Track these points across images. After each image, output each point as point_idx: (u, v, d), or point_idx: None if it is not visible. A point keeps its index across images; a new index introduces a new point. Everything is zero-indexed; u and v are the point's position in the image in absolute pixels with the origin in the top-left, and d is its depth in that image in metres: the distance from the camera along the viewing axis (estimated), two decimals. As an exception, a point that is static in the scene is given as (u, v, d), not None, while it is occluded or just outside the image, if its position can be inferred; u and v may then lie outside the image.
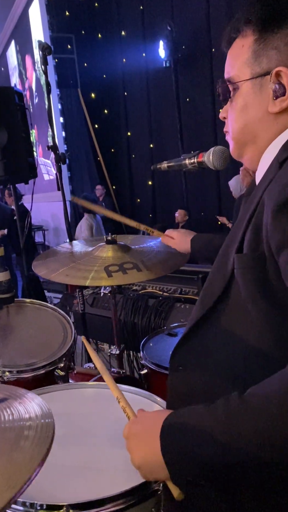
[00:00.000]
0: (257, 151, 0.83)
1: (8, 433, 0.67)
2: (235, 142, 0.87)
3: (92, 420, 1.20)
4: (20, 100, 2.85)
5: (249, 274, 0.73)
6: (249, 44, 0.79)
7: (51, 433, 0.68)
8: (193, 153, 1.24)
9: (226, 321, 0.79)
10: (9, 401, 0.76)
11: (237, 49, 0.82)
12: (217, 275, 0.81)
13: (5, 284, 1.54)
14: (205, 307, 0.81)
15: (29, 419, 0.71)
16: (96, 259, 1.59)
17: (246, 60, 0.80)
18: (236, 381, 0.75)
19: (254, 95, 0.80)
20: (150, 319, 2.52)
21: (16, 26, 10.74)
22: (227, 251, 0.80)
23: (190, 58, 5.84)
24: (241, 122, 0.83)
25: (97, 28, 7.80)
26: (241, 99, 0.82)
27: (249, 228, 0.74)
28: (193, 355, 0.83)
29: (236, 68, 0.82)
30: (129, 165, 7.89)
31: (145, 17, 6.72)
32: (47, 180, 9.73)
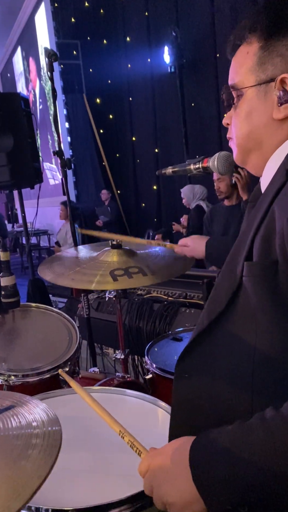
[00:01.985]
0: (261, 157, 0.83)
1: (16, 441, 0.67)
2: (239, 149, 0.87)
3: (97, 424, 1.20)
4: (26, 106, 2.87)
5: (260, 282, 0.72)
6: (254, 51, 0.80)
7: (58, 441, 0.68)
8: (198, 158, 1.25)
9: (233, 329, 0.78)
10: (16, 409, 0.76)
11: (242, 56, 0.82)
12: (225, 283, 0.81)
13: (10, 288, 1.55)
14: (212, 315, 0.81)
15: (37, 426, 0.71)
16: (102, 264, 1.60)
17: (251, 67, 0.80)
18: (243, 389, 0.75)
19: (259, 102, 0.80)
20: (155, 323, 2.51)
21: (23, 32, 10.85)
22: (235, 258, 0.80)
23: (195, 63, 5.86)
24: (246, 128, 0.83)
25: (103, 34, 7.85)
26: (245, 105, 0.82)
27: (257, 235, 0.74)
28: (199, 363, 0.82)
29: (241, 74, 0.82)
30: (134, 169, 7.91)
31: (150, 23, 6.75)
32: (52, 185, 9.79)
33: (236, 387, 0.76)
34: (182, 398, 0.84)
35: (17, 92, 3.10)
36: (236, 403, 0.75)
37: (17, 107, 2.78)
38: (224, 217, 3.41)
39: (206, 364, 0.81)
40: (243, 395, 0.74)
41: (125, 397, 1.35)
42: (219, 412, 0.77)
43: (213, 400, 0.78)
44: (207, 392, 0.80)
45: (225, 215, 3.41)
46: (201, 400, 0.80)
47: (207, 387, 0.80)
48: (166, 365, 1.62)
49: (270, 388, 0.72)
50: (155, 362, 1.65)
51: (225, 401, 0.76)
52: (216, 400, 0.78)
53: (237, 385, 0.76)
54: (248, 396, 0.73)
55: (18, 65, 12.09)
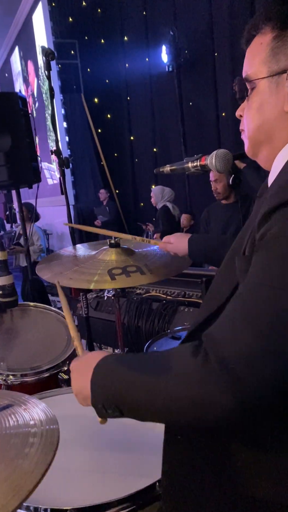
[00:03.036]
0: (271, 151, 0.81)
1: (14, 439, 0.67)
2: (250, 141, 0.85)
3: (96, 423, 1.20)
4: (24, 106, 2.86)
5: (243, 277, 0.72)
6: (268, 41, 0.78)
7: (56, 439, 0.68)
8: (195, 157, 1.24)
9: None
10: (14, 408, 0.76)
11: (256, 47, 0.80)
12: (225, 278, 0.81)
13: (8, 287, 1.54)
14: (210, 309, 0.81)
15: (34, 425, 0.71)
16: (100, 263, 1.59)
17: (264, 58, 0.78)
18: None
19: (270, 94, 0.78)
20: (154, 322, 2.51)
21: (20, 32, 10.83)
22: (235, 254, 0.79)
23: (193, 62, 5.86)
24: (257, 121, 0.81)
25: (100, 34, 7.83)
26: (257, 97, 0.80)
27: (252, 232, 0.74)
28: None
29: (254, 66, 0.80)
30: (132, 169, 7.90)
31: (148, 22, 6.74)
32: (51, 185, 9.77)
33: None
34: None
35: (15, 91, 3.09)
36: None
37: (15, 106, 2.77)
38: (222, 215, 3.41)
39: None
40: None
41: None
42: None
43: None
44: None
45: (223, 213, 3.40)
46: None
47: None
48: (165, 364, 1.62)
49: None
50: (154, 361, 1.64)
51: None
52: None
53: None
54: None
55: (15, 65, 12.06)
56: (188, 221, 5.88)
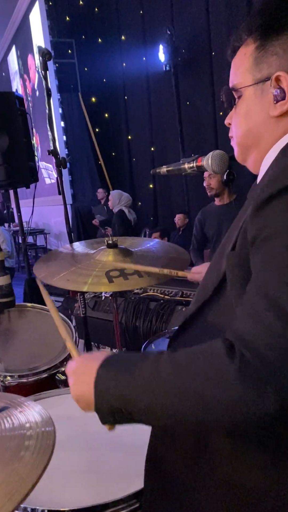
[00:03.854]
0: (259, 155, 0.86)
1: (9, 442, 0.67)
2: (239, 147, 0.89)
3: (94, 424, 1.20)
4: (21, 105, 2.86)
5: (234, 271, 0.75)
6: (251, 51, 0.83)
7: (51, 442, 0.68)
8: (192, 158, 1.24)
9: (215, 318, 0.82)
10: (9, 410, 0.76)
11: (240, 58, 0.86)
12: (212, 273, 0.84)
13: (5, 288, 1.54)
14: (198, 303, 0.84)
15: (30, 428, 0.71)
16: (97, 263, 1.59)
17: (248, 67, 0.83)
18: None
19: (256, 100, 0.83)
20: (152, 322, 2.52)
21: (17, 31, 10.80)
22: (223, 249, 0.82)
23: (190, 62, 5.85)
24: (245, 127, 0.86)
25: (97, 33, 7.82)
26: (244, 105, 0.85)
27: (242, 228, 0.76)
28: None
29: (239, 75, 0.85)
30: (130, 168, 7.89)
31: (145, 21, 6.73)
32: (48, 184, 9.76)
33: None
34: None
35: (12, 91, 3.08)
36: None
37: (12, 106, 2.77)
38: (216, 217, 3.40)
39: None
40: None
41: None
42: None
43: None
44: None
45: (217, 214, 3.40)
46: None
47: None
48: (163, 364, 1.62)
49: None
50: (151, 361, 1.64)
51: None
52: None
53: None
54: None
55: (13, 64, 12.03)
56: (182, 221, 5.88)
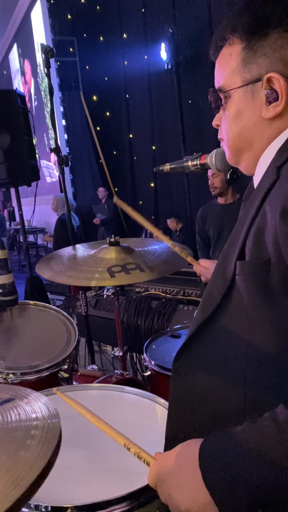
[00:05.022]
0: (253, 157, 0.84)
1: (15, 432, 0.67)
2: (231, 150, 0.87)
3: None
4: (22, 103, 2.86)
5: (252, 280, 0.72)
6: (237, 52, 0.79)
7: (58, 432, 0.68)
8: (195, 155, 1.24)
9: (227, 328, 0.78)
10: (15, 401, 0.76)
11: (225, 58, 0.82)
12: (217, 282, 0.81)
13: (8, 286, 1.54)
14: (205, 314, 0.81)
15: (36, 418, 0.71)
16: (99, 261, 1.60)
17: (235, 68, 0.80)
18: (236, 386, 0.75)
19: (247, 102, 0.80)
20: (153, 321, 2.52)
21: (18, 29, 10.80)
22: (227, 257, 0.80)
23: (192, 60, 5.84)
24: (236, 129, 0.83)
25: (99, 31, 7.81)
26: (233, 106, 0.82)
27: (250, 234, 0.74)
28: (195, 361, 0.83)
29: (226, 76, 0.82)
30: (131, 167, 7.89)
31: (146, 19, 6.72)
32: (49, 183, 9.77)
33: (229, 384, 0.76)
34: (179, 396, 0.85)
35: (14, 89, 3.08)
36: (229, 400, 0.76)
37: (14, 104, 2.77)
38: (218, 215, 3.38)
39: (201, 362, 0.82)
40: (236, 392, 0.75)
41: (124, 394, 1.35)
42: (213, 409, 0.78)
43: (207, 397, 0.79)
44: (201, 389, 0.80)
45: (219, 213, 3.38)
46: (196, 397, 0.81)
47: (202, 384, 0.81)
48: (165, 362, 1.62)
49: (263, 385, 0.72)
50: (153, 359, 1.65)
51: (218, 398, 0.77)
52: (210, 397, 0.79)
53: (230, 382, 0.77)
54: (240, 393, 0.74)
55: (14, 62, 12.03)
56: (175, 226, 5.90)
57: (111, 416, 1.22)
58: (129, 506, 0.87)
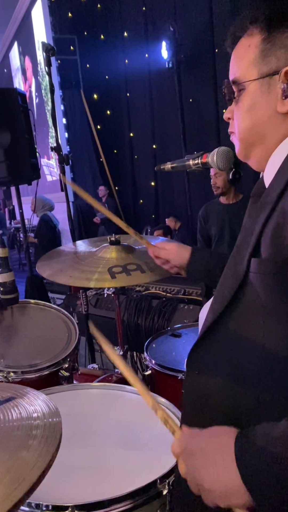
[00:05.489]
0: (265, 151, 0.82)
1: (17, 431, 0.67)
2: (242, 143, 0.85)
3: (98, 420, 1.21)
4: (23, 102, 2.85)
5: (269, 279, 0.71)
6: (256, 43, 0.78)
7: (58, 432, 0.68)
8: (197, 154, 1.24)
9: (239, 326, 0.78)
10: (16, 400, 0.76)
11: (243, 49, 0.80)
12: (229, 279, 0.80)
13: (9, 285, 1.54)
14: (216, 312, 0.80)
15: (37, 418, 0.71)
16: (100, 260, 1.59)
17: (253, 60, 0.79)
18: (250, 386, 0.75)
19: (262, 95, 0.79)
20: (154, 320, 2.52)
21: (19, 27, 10.77)
22: (239, 254, 0.79)
23: (193, 58, 5.83)
24: (249, 122, 0.81)
25: (100, 29, 7.79)
26: (248, 99, 0.80)
27: (265, 231, 0.73)
28: (208, 359, 0.82)
29: (242, 68, 0.80)
30: (132, 166, 7.88)
31: (147, 18, 6.71)
32: (50, 181, 9.75)
33: (243, 383, 0.76)
34: (193, 394, 0.85)
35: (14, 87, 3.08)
36: (242, 399, 0.75)
37: (14, 102, 2.76)
38: (220, 215, 3.37)
39: (214, 360, 0.81)
40: (249, 391, 0.74)
41: (124, 393, 1.35)
42: (226, 408, 0.77)
43: (220, 396, 0.78)
44: (217, 388, 0.80)
45: (221, 213, 3.37)
46: (209, 396, 0.80)
47: (217, 383, 0.80)
48: (165, 361, 1.62)
49: (277, 385, 0.72)
50: (154, 358, 1.65)
51: (232, 397, 0.76)
52: (224, 396, 0.78)
53: (243, 381, 0.76)
54: (254, 393, 0.73)
55: (14, 61, 12.01)
56: (174, 225, 5.89)
57: (111, 414, 1.23)
58: (130, 505, 0.86)
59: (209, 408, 0.80)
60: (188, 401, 0.86)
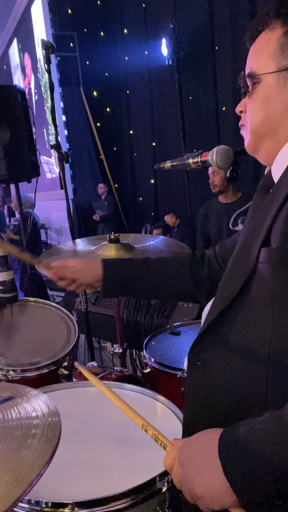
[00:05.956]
0: (275, 145, 0.82)
1: (16, 431, 0.68)
2: (253, 135, 0.85)
3: (97, 418, 1.21)
4: (22, 99, 2.85)
5: (279, 267, 0.72)
6: (277, 37, 0.78)
7: (58, 431, 0.68)
8: (196, 153, 1.24)
9: (247, 316, 0.77)
10: (16, 400, 0.76)
11: (263, 43, 0.81)
12: (238, 269, 0.80)
13: (8, 283, 1.54)
14: (224, 302, 0.80)
15: (36, 417, 0.72)
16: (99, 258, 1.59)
17: (272, 53, 0.79)
18: (258, 377, 0.74)
19: (278, 88, 0.79)
20: (153, 317, 2.52)
21: (18, 24, 10.73)
22: (249, 245, 0.79)
23: (192, 56, 5.82)
24: (262, 114, 0.82)
25: (100, 26, 7.77)
26: (263, 92, 0.81)
27: (276, 222, 0.73)
28: (212, 350, 0.82)
29: (260, 61, 0.81)
30: (131, 163, 7.87)
31: (147, 15, 6.68)
32: (49, 179, 9.73)
33: (251, 375, 0.75)
34: (196, 386, 0.84)
35: (14, 84, 3.07)
36: (250, 391, 0.75)
37: (14, 99, 2.75)
38: (219, 214, 3.37)
39: (220, 351, 0.80)
40: (257, 383, 0.74)
41: (124, 391, 1.35)
42: (232, 398, 0.77)
43: (226, 388, 0.78)
44: (220, 380, 0.79)
45: (220, 212, 3.37)
46: (214, 386, 0.80)
47: (220, 373, 0.79)
48: (164, 359, 1.62)
49: (286, 374, 0.71)
50: (153, 356, 1.65)
51: (239, 389, 0.76)
52: (230, 388, 0.77)
53: (251, 373, 0.75)
54: (262, 385, 0.73)
55: (14, 57, 11.96)
56: (172, 221, 5.89)
57: (111, 412, 1.23)
58: (129, 502, 0.87)
59: (214, 399, 0.80)
60: (191, 392, 0.86)
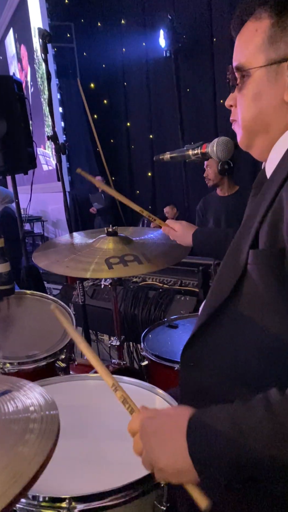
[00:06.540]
0: (268, 141, 0.80)
1: (13, 425, 0.66)
2: (245, 131, 0.83)
3: (95, 412, 1.20)
4: (19, 90, 2.81)
5: (266, 269, 0.71)
6: (264, 28, 0.74)
7: (56, 425, 0.67)
8: (196, 144, 1.23)
9: (238, 318, 0.77)
10: (12, 393, 0.75)
11: (250, 34, 0.77)
12: (228, 271, 0.79)
13: (5, 275, 1.53)
14: (215, 304, 0.79)
15: (34, 411, 0.71)
16: (97, 251, 1.58)
17: (260, 46, 0.75)
18: (249, 378, 0.74)
19: (269, 83, 0.76)
20: (150, 311, 2.51)
21: (15, 14, 10.59)
22: (238, 246, 0.78)
23: (190, 47, 5.77)
24: (254, 110, 0.79)
25: (97, 17, 7.68)
26: (253, 86, 0.77)
27: (264, 223, 0.72)
28: (204, 352, 0.82)
29: (248, 54, 0.77)
30: (128, 156, 7.83)
31: (145, 6, 6.61)
32: (46, 171, 9.67)
33: (242, 376, 0.76)
34: (188, 387, 0.84)
35: (10, 75, 3.04)
36: (242, 391, 0.75)
37: (10, 90, 2.72)
38: (216, 207, 3.36)
39: (212, 353, 0.81)
40: (248, 384, 0.74)
41: (121, 384, 1.34)
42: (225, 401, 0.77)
43: (218, 389, 0.78)
44: (213, 381, 0.79)
45: (217, 205, 3.35)
46: (207, 389, 0.80)
47: (213, 375, 0.80)
48: (162, 352, 1.62)
49: (276, 377, 0.71)
50: (150, 349, 1.65)
51: (231, 390, 0.76)
52: (221, 389, 0.78)
53: (242, 374, 0.76)
54: (253, 386, 0.73)
55: (10, 48, 11.82)
56: (171, 213, 5.87)
57: (109, 405, 1.22)
58: (126, 497, 0.86)
59: (206, 399, 0.79)
60: (184, 393, 0.86)
